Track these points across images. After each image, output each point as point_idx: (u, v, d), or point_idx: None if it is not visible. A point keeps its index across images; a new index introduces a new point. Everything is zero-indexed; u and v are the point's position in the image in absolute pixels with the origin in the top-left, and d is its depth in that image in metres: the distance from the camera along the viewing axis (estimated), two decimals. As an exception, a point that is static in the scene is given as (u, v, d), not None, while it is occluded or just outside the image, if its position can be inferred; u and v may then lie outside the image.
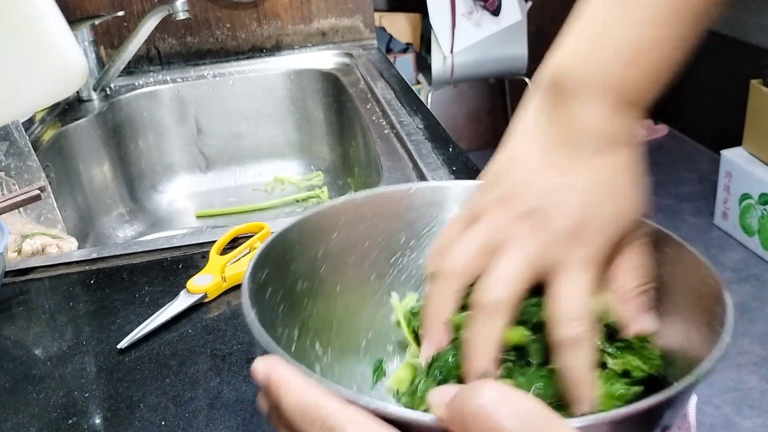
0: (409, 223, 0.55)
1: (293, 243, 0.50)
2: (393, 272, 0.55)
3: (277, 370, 0.33)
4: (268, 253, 0.47)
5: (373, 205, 0.54)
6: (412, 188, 0.55)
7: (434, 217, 0.55)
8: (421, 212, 0.55)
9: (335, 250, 0.53)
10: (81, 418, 0.54)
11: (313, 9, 1.47)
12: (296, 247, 0.50)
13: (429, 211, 0.55)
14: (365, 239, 0.54)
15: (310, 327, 0.50)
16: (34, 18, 0.61)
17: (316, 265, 0.52)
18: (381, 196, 0.54)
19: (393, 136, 1.02)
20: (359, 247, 0.54)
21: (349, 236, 0.53)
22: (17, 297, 0.72)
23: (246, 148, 1.41)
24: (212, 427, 0.52)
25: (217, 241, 0.75)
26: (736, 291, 2.16)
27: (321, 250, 0.52)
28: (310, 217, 0.51)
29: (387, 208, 0.54)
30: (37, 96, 0.64)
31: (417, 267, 0.56)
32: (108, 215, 1.24)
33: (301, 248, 0.50)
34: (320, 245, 0.52)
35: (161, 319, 0.64)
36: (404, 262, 0.55)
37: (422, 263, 0.55)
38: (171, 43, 1.45)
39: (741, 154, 2.35)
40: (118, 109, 1.31)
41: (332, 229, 0.52)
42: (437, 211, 0.55)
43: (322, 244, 0.52)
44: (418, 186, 0.55)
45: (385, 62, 1.39)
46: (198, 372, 0.58)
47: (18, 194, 0.74)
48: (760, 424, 1.70)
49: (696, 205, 2.66)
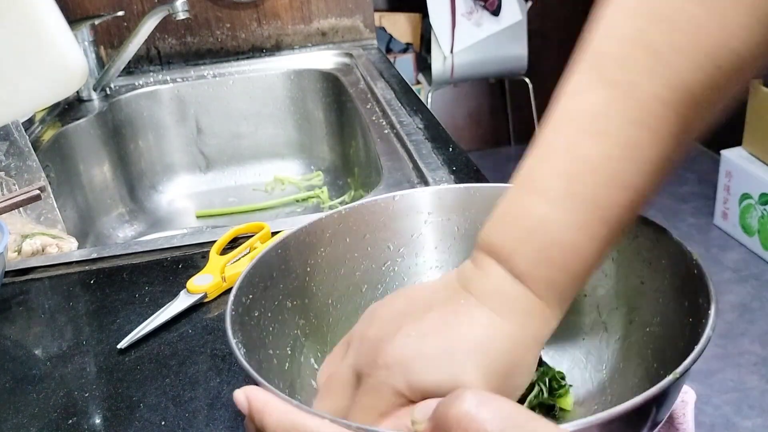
0: (396, 231, 0.55)
1: (279, 263, 0.50)
2: (385, 280, 0.55)
3: (258, 398, 0.34)
4: (252, 277, 0.47)
5: (358, 216, 0.54)
6: (396, 196, 0.55)
7: (422, 223, 0.56)
8: (407, 219, 0.55)
9: (324, 264, 0.53)
10: (81, 418, 0.54)
11: (313, 9, 1.47)
12: (282, 266, 0.50)
13: (415, 217, 0.56)
14: (354, 251, 0.54)
15: (304, 343, 0.50)
16: (34, 18, 0.61)
17: (306, 282, 0.52)
18: (365, 206, 0.54)
19: (393, 136, 1.02)
20: (348, 258, 0.54)
21: (337, 250, 0.54)
22: (17, 297, 0.72)
23: (246, 148, 1.41)
24: (212, 427, 0.52)
25: (217, 241, 0.75)
26: (736, 291, 2.16)
27: (309, 267, 0.52)
28: (294, 234, 0.51)
29: (373, 218, 0.55)
30: (37, 96, 0.64)
31: (408, 274, 0.56)
32: (108, 215, 1.24)
33: (287, 267, 0.51)
34: (308, 262, 0.52)
35: (161, 319, 0.64)
36: (395, 269, 0.55)
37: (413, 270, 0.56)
38: (171, 43, 1.45)
39: (741, 154, 2.35)
40: (118, 109, 1.31)
41: (318, 244, 0.53)
42: (424, 216, 0.56)
43: (309, 260, 0.52)
44: (401, 194, 0.55)
45: (385, 62, 1.39)
46: (198, 372, 0.58)
47: (18, 194, 0.74)
48: (760, 424, 1.70)
49: (696, 205, 2.66)
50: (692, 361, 0.35)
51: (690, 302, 0.42)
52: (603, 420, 0.32)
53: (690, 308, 0.42)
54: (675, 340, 0.43)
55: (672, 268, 0.45)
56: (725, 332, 1.97)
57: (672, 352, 0.43)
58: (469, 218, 0.55)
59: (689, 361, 0.35)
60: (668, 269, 0.45)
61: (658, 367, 0.44)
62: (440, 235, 0.56)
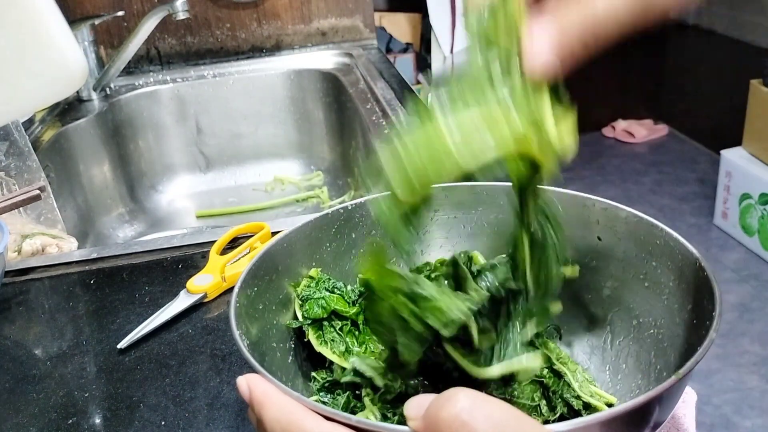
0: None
1: (284, 257, 0.50)
2: None
3: (259, 387, 0.34)
4: (258, 270, 0.47)
5: (364, 212, 0.54)
6: None
7: (428, 220, 0.56)
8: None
9: (328, 260, 0.53)
10: (81, 418, 0.54)
11: (313, 9, 1.47)
12: (287, 260, 0.50)
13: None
14: (359, 246, 0.54)
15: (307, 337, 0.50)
16: (34, 18, 0.60)
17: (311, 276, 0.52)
18: (371, 202, 0.54)
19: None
20: (354, 254, 0.54)
21: (342, 245, 0.54)
22: (17, 297, 0.72)
23: (246, 148, 1.41)
24: (212, 427, 0.52)
25: (217, 241, 0.75)
26: (736, 291, 2.16)
27: (314, 261, 0.52)
28: (300, 229, 0.51)
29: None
30: (37, 96, 0.64)
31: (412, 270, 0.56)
32: (108, 215, 1.24)
33: (293, 261, 0.51)
34: (313, 256, 0.52)
35: (161, 319, 0.64)
36: (400, 266, 0.55)
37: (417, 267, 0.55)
38: (171, 43, 1.44)
39: (741, 154, 2.35)
40: (118, 109, 1.31)
41: (324, 239, 0.53)
42: (430, 213, 0.56)
43: (315, 254, 0.52)
44: None
45: (385, 62, 1.39)
46: (198, 372, 0.58)
47: (18, 194, 0.74)
48: (760, 424, 1.70)
49: (696, 205, 2.66)
50: (695, 363, 0.35)
51: (694, 304, 0.42)
52: (604, 419, 0.32)
53: (694, 310, 0.42)
54: (678, 342, 0.43)
55: (677, 270, 0.45)
56: (725, 332, 1.97)
57: (675, 354, 0.43)
58: (475, 216, 0.55)
59: (692, 362, 0.35)
60: (673, 272, 0.45)
61: (661, 368, 0.44)
62: (445, 232, 0.56)
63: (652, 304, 0.47)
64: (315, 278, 0.51)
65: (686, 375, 0.35)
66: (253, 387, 0.35)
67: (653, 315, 0.47)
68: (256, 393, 0.34)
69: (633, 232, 0.48)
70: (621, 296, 0.50)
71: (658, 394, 0.33)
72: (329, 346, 0.48)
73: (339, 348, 0.48)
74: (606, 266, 0.50)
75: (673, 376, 0.34)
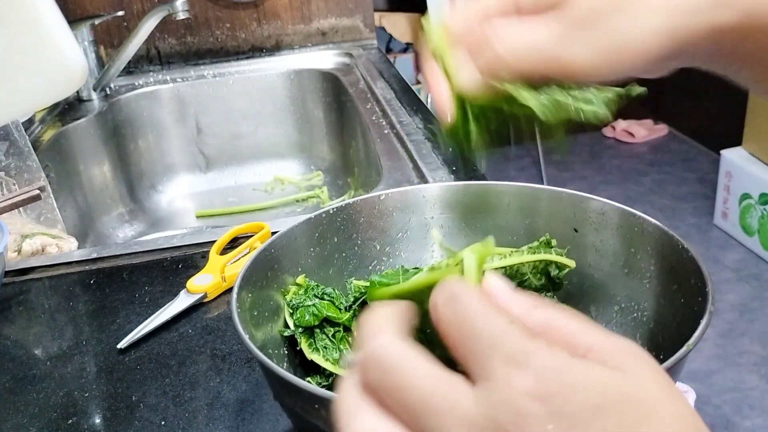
0: (383, 230, 0.56)
1: (272, 263, 0.51)
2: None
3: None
4: (249, 277, 0.48)
5: (344, 216, 0.55)
6: (381, 195, 0.55)
7: (407, 222, 0.56)
8: (393, 218, 0.56)
9: (313, 265, 0.53)
10: (81, 418, 0.54)
11: (313, 9, 1.47)
12: (275, 266, 0.51)
13: (401, 217, 0.56)
14: (342, 251, 0.55)
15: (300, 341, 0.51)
16: (34, 18, 0.61)
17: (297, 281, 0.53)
18: (352, 206, 0.55)
19: (393, 136, 1.02)
20: (337, 258, 0.55)
21: (325, 250, 0.54)
22: (17, 297, 0.72)
23: (246, 148, 1.41)
24: (212, 427, 0.52)
25: (217, 241, 0.75)
26: (736, 291, 2.16)
27: (299, 267, 0.53)
28: (283, 235, 0.52)
29: (359, 218, 0.55)
30: (37, 96, 0.64)
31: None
32: (108, 215, 1.24)
33: (279, 267, 0.51)
34: (298, 262, 0.53)
35: (161, 319, 0.64)
36: (382, 268, 0.56)
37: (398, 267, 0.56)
38: (171, 43, 1.45)
39: (741, 154, 2.35)
40: (118, 109, 1.31)
41: (308, 245, 0.53)
42: (409, 215, 0.56)
43: (300, 260, 0.53)
44: (387, 193, 0.56)
45: (385, 62, 1.39)
46: (198, 372, 0.58)
47: (18, 194, 0.74)
48: (760, 424, 1.70)
49: (696, 205, 2.66)
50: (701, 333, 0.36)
51: (680, 284, 0.43)
52: None
53: (681, 290, 0.43)
54: (666, 321, 0.44)
55: (658, 254, 0.46)
56: (725, 332, 1.97)
57: (665, 333, 0.44)
58: (471, 216, 0.56)
59: (699, 333, 0.36)
60: (653, 256, 0.46)
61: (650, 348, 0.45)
62: (435, 233, 0.56)
63: (634, 290, 0.48)
64: (303, 286, 0.51)
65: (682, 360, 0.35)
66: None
67: (636, 299, 0.48)
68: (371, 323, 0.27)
69: (609, 222, 0.50)
70: (600, 285, 0.51)
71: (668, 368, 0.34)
72: (321, 353, 0.48)
73: (332, 355, 0.48)
74: (584, 257, 0.51)
75: (683, 347, 0.35)
